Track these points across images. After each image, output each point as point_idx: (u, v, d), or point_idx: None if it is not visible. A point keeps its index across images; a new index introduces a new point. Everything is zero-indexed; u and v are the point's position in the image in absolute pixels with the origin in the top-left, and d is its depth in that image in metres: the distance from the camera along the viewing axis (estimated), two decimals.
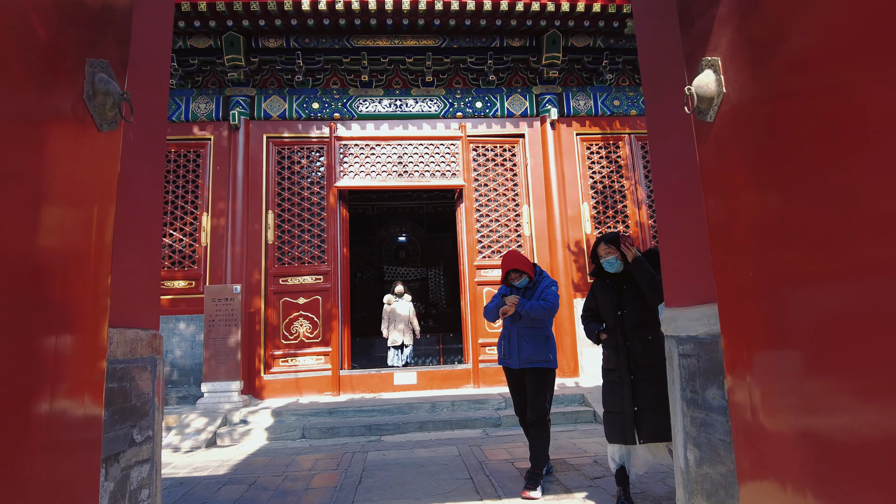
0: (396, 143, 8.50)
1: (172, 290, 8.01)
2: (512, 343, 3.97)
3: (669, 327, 2.13)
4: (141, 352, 1.77)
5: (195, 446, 5.92)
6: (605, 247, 3.38)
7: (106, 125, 1.45)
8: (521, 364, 3.89)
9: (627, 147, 9.01)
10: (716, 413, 1.75)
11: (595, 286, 3.62)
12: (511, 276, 4.00)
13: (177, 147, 8.43)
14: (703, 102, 1.70)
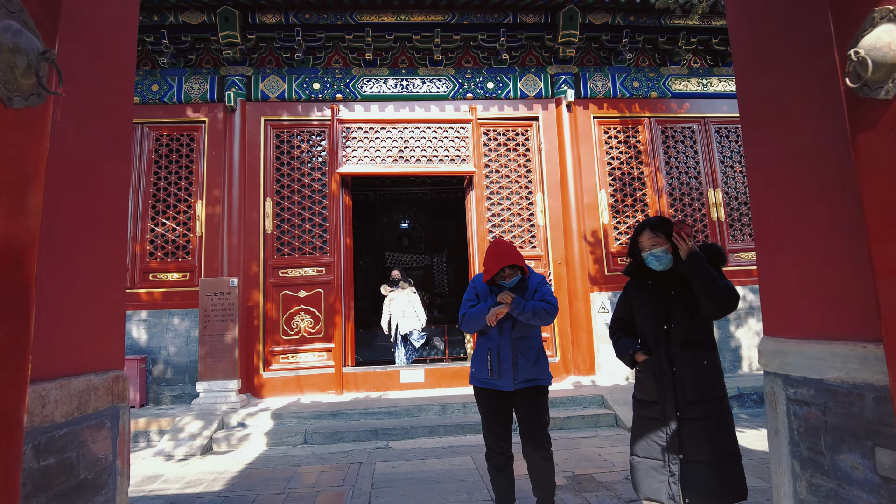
0: (402, 126, 7.98)
1: (166, 283, 7.56)
2: (504, 358, 3.13)
3: (772, 362, 1.68)
4: (95, 404, 1.31)
5: (189, 453, 5.51)
6: (650, 235, 2.52)
7: (18, 99, 0.99)
8: (518, 384, 3.10)
9: (647, 131, 8.49)
10: (856, 488, 1.32)
11: (629, 289, 2.75)
12: (505, 272, 3.17)
13: (169, 130, 7.92)
14: (877, 71, 1.22)
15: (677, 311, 2.49)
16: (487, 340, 3.22)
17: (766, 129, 1.88)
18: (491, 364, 3.15)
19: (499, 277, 3.19)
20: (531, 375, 3.13)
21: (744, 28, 2.00)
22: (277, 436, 5.87)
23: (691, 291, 2.42)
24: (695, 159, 8.54)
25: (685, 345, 2.43)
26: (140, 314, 7.40)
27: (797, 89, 1.63)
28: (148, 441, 6.14)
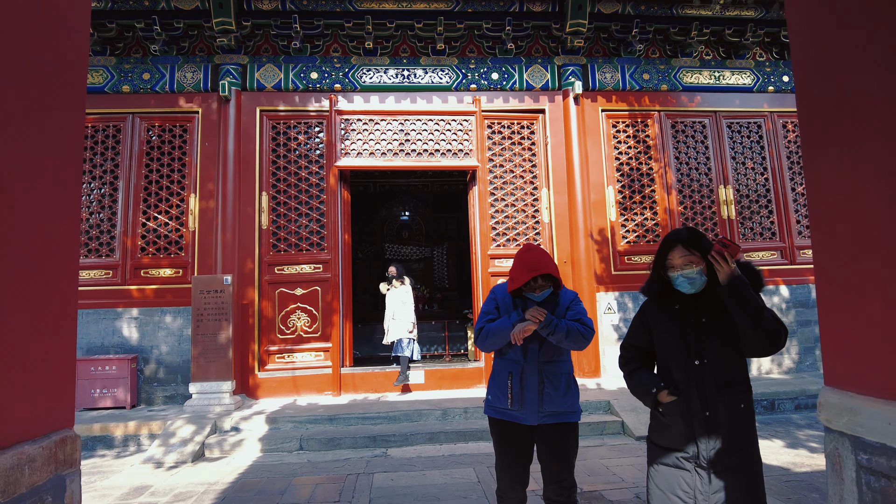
0: (403, 118, 7.69)
1: (158, 280, 7.31)
2: (528, 386, 2.64)
3: (838, 419, 1.43)
4: (30, 480, 1.06)
5: (180, 460, 5.29)
6: (684, 252, 2.09)
7: None
8: (542, 418, 2.61)
9: (657, 125, 8.20)
10: None
11: (649, 312, 2.27)
12: (536, 282, 2.68)
13: (160, 121, 7.63)
14: None
15: (713, 343, 2.06)
16: (508, 363, 2.72)
17: (830, 128, 1.61)
18: (512, 392, 2.65)
19: (527, 289, 2.70)
20: (559, 408, 2.63)
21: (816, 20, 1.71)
22: (272, 441, 5.66)
23: (727, 319, 2.03)
24: (705, 155, 8.26)
25: (722, 385, 2.02)
26: (131, 312, 7.15)
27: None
28: (138, 445, 5.92)
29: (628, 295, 7.67)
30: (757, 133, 8.40)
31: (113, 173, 7.49)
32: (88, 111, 7.48)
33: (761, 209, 8.26)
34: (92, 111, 7.48)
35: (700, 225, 8.10)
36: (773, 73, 8.41)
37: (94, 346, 7.02)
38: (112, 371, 6.72)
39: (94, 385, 6.68)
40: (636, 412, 6.03)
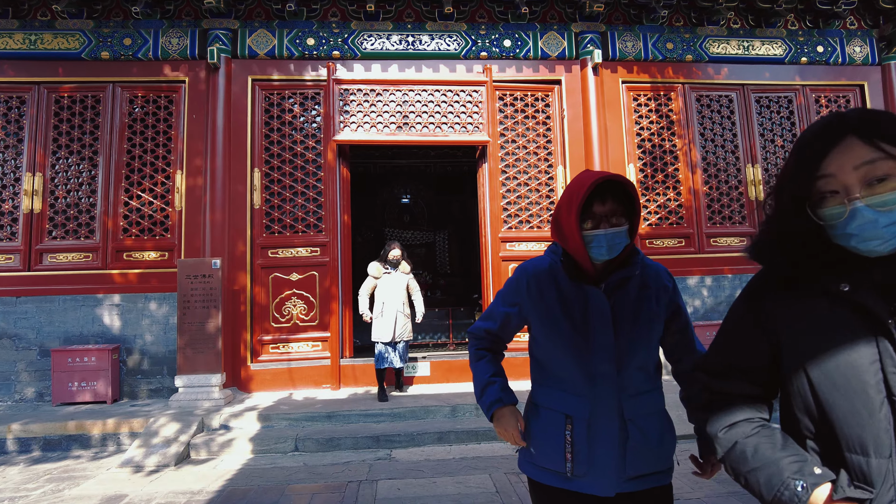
0: (408, 89, 7.06)
1: (142, 263, 6.74)
2: (601, 438, 1.56)
3: None
4: None
5: (162, 463, 4.77)
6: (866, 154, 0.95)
7: None
8: (623, 485, 1.56)
9: (681, 99, 7.60)
10: None
11: (774, 303, 1.11)
12: (605, 203, 1.54)
13: (144, 91, 7.00)
14: None
15: None
16: (561, 398, 1.61)
17: None
18: (573, 449, 1.56)
19: (587, 226, 1.53)
20: (652, 467, 1.58)
21: None
22: (265, 441, 5.13)
23: None
24: (732, 132, 7.67)
25: None
26: (112, 298, 6.59)
27: None
28: (118, 445, 5.40)
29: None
30: (787, 108, 7.79)
31: (92, 148, 6.88)
32: (64, 80, 6.86)
33: None
34: (68, 79, 6.86)
35: (726, 207, 7.53)
36: (806, 43, 7.78)
37: (72, 336, 6.47)
38: (91, 363, 6.18)
39: (71, 378, 6.15)
40: None
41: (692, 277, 7.24)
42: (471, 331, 1.84)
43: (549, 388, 1.66)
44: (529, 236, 7.09)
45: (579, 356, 1.58)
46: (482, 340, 1.82)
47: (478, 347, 1.82)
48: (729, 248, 7.39)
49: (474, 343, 1.83)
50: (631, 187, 1.57)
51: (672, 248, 7.30)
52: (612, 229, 1.53)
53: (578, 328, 1.58)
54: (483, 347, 1.81)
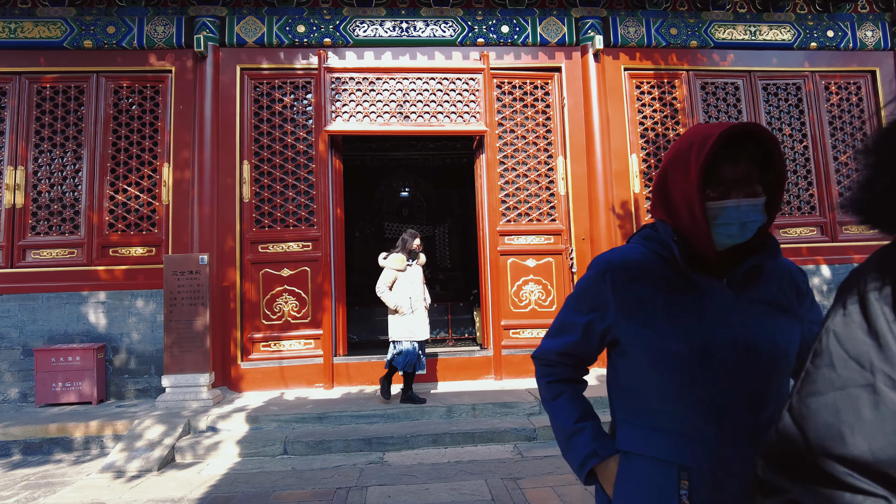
0: (402, 77, 6.82)
1: (128, 259, 6.53)
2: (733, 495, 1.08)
3: None
4: None
5: (145, 468, 4.57)
6: None
7: None
8: None
9: (685, 87, 7.33)
10: None
11: None
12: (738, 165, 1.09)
13: (129, 81, 6.76)
14: None
15: None
16: (674, 441, 1.14)
17: None
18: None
19: (713, 208, 1.10)
20: None
21: None
22: (252, 444, 4.93)
23: None
24: (738, 120, 7.40)
25: None
26: (98, 295, 6.39)
27: None
28: (101, 448, 5.20)
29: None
30: (796, 95, 7.53)
31: (76, 140, 6.65)
32: (46, 70, 6.63)
33: (799, 181, 7.43)
34: (49, 69, 6.62)
35: None
36: (815, 28, 7.50)
37: (56, 335, 6.27)
38: (76, 362, 5.98)
39: (55, 378, 5.95)
40: None
41: None
42: (537, 355, 1.35)
43: (650, 428, 1.16)
44: (529, 230, 6.85)
45: (698, 381, 1.10)
46: (555, 368, 1.32)
47: (551, 380, 1.32)
48: None
49: (545, 373, 1.33)
50: (773, 143, 1.09)
51: None
52: (747, 201, 1.08)
53: (694, 340, 1.10)
54: (559, 379, 1.31)
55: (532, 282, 6.82)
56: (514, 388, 6.14)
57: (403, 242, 5.80)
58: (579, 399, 1.30)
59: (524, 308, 6.79)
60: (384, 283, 5.67)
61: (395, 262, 5.71)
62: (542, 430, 5.07)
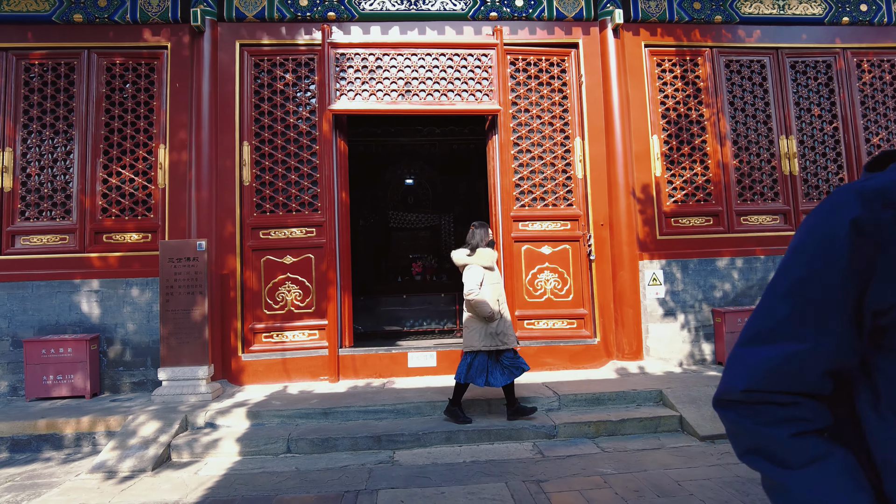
0: (410, 53, 6.44)
1: (123, 245, 6.21)
2: None
3: None
4: None
5: (138, 468, 4.26)
6: None
7: None
8: None
9: (709, 64, 6.94)
10: None
11: None
12: None
13: (122, 58, 6.40)
14: None
15: None
16: None
17: None
18: None
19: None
20: None
21: None
22: (254, 442, 4.62)
23: None
24: (764, 100, 7.01)
25: None
26: (91, 283, 6.07)
27: None
28: (94, 446, 4.89)
29: (676, 263, 6.53)
30: (826, 74, 7.12)
31: (67, 121, 6.30)
32: (34, 45, 6.27)
33: (829, 164, 7.04)
34: (38, 45, 6.27)
35: (758, 183, 6.91)
36: (848, 2, 7.08)
37: (47, 325, 5.96)
38: (68, 354, 5.67)
39: (46, 371, 5.64)
40: (696, 404, 4.97)
41: (721, 259, 6.65)
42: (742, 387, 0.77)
43: None
44: (544, 215, 6.50)
45: None
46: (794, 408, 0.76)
47: (799, 430, 0.75)
48: (761, 227, 6.79)
49: (776, 418, 0.76)
50: None
51: (699, 227, 6.69)
52: None
53: None
54: (810, 430, 0.76)
55: (547, 270, 6.47)
56: (530, 381, 5.81)
57: (485, 233, 4.89)
58: (853, 468, 0.73)
59: (539, 298, 6.45)
60: (475, 282, 4.65)
61: (484, 258, 4.79)
62: (562, 427, 4.74)
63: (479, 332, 4.69)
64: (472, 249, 4.84)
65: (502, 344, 4.67)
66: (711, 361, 6.48)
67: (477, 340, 4.67)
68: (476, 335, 4.69)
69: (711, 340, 6.51)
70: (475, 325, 4.72)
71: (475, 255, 4.80)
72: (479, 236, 4.88)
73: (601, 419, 4.82)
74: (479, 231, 4.91)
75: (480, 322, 4.68)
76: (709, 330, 6.53)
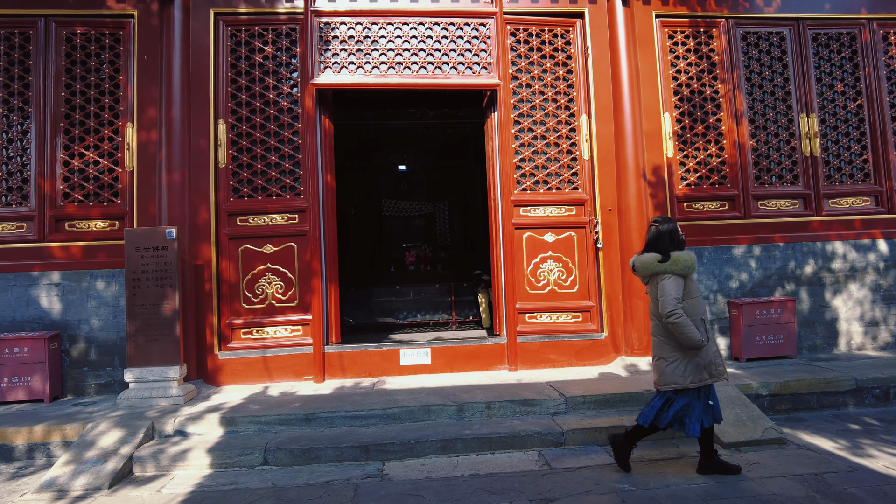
0: (401, 22, 5.88)
1: (87, 234, 5.66)
2: None
3: None
4: None
5: (93, 485, 3.76)
6: None
7: None
8: None
9: (724, 37, 6.42)
10: None
11: None
12: None
13: (84, 27, 5.81)
14: None
15: None
16: None
17: None
18: None
19: None
20: None
21: None
22: (227, 452, 4.12)
23: None
24: (783, 75, 6.50)
25: None
26: (51, 276, 5.53)
27: None
28: (48, 458, 4.39)
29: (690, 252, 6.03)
30: (850, 47, 6.61)
31: (22, 96, 5.72)
32: None
33: (852, 144, 6.56)
34: None
35: (777, 165, 6.42)
36: None
37: (1, 323, 5.43)
38: (25, 354, 5.14)
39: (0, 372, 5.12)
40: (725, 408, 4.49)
41: (737, 247, 6.18)
42: None
43: None
44: (548, 199, 5.99)
45: None
46: None
47: None
48: (779, 213, 6.31)
49: None
50: None
51: (713, 213, 6.21)
52: None
53: None
54: None
55: (551, 259, 5.98)
56: (532, 380, 5.34)
57: (675, 232, 3.70)
58: None
59: (542, 289, 5.96)
60: (675, 299, 3.51)
61: (683, 264, 3.58)
62: (570, 433, 4.27)
63: (681, 363, 3.57)
64: (663, 254, 3.60)
65: (711, 377, 3.58)
66: (727, 357, 6.03)
67: (680, 375, 3.55)
68: (678, 368, 3.57)
69: (727, 334, 6.05)
70: (675, 354, 3.59)
71: (670, 262, 3.58)
72: (667, 237, 3.66)
73: (613, 424, 4.35)
74: (666, 229, 3.69)
75: (682, 351, 3.58)
76: (724, 323, 6.06)
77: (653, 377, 3.78)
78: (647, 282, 3.78)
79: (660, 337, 3.68)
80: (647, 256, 3.68)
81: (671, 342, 3.60)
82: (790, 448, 4.11)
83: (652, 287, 3.71)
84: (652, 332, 3.77)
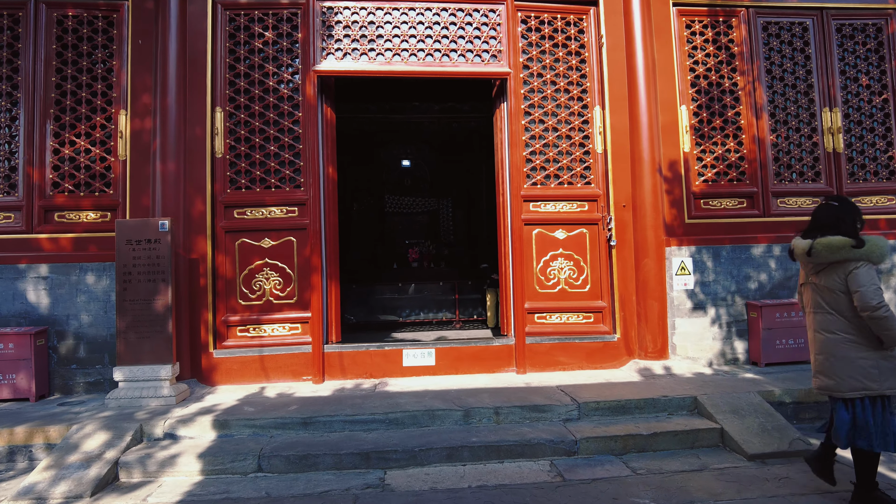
0: (408, 7, 5.62)
1: (77, 226, 5.43)
2: None
3: None
4: None
5: (74, 493, 3.51)
6: None
7: None
8: None
9: (744, 27, 6.15)
10: None
11: None
12: None
13: (76, 10, 5.57)
14: None
15: None
16: None
17: None
18: None
19: None
20: None
21: None
22: (219, 458, 3.88)
23: None
24: (805, 68, 6.23)
25: None
26: (38, 269, 5.29)
27: None
28: (31, 461, 4.15)
29: (707, 250, 5.79)
30: (875, 39, 6.34)
31: (11, 81, 5.48)
32: None
33: (877, 140, 6.29)
34: None
35: (798, 161, 6.15)
36: None
37: None
38: (10, 350, 4.91)
39: None
40: (739, 415, 4.25)
41: (757, 246, 5.91)
42: None
43: None
44: (559, 194, 5.73)
45: None
46: None
47: None
48: (800, 211, 6.03)
49: None
50: None
51: (731, 210, 5.95)
52: None
53: None
54: None
55: (562, 257, 5.72)
56: (542, 384, 5.09)
57: (858, 214, 3.13)
58: None
59: (552, 288, 5.71)
60: (878, 289, 2.95)
61: (881, 252, 2.99)
62: (584, 441, 4.01)
63: (873, 363, 2.97)
64: (856, 239, 2.98)
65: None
66: (744, 361, 5.77)
67: (876, 377, 2.95)
68: (869, 368, 2.96)
69: (745, 337, 5.78)
70: (865, 354, 2.99)
71: (867, 247, 2.95)
72: (850, 219, 3.08)
73: (629, 432, 4.10)
74: (848, 210, 3.12)
75: (874, 349, 2.98)
76: (742, 326, 5.80)
77: (818, 382, 3.21)
78: (818, 270, 3.11)
79: (841, 334, 3.03)
80: (835, 239, 2.98)
81: (861, 339, 2.98)
82: None
83: (827, 276, 3.05)
84: (823, 328, 3.12)
